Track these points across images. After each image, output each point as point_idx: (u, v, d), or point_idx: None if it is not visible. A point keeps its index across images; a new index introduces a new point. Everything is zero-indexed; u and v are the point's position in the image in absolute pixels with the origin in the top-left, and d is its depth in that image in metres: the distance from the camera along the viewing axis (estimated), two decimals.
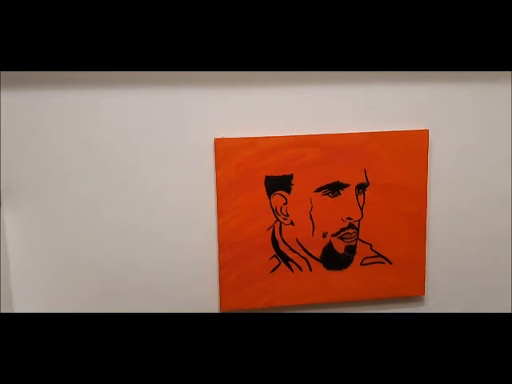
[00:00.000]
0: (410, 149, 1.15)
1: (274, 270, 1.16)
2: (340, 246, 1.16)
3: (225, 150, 1.10)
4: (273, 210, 1.13)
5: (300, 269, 1.16)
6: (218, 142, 1.10)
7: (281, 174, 1.12)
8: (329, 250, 1.16)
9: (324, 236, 1.15)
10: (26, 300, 1.11)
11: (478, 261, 1.24)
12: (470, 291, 1.25)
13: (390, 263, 1.19)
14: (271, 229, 1.14)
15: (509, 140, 1.19)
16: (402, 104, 1.14)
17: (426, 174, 1.16)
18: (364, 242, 1.17)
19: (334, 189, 1.14)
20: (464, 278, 1.24)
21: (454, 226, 1.21)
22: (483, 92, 1.16)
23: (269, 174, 1.12)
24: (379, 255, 1.18)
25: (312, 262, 1.16)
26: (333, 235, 1.15)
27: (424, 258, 1.20)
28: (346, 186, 1.14)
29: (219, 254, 1.13)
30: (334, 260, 1.17)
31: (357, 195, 1.15)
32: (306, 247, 1.16)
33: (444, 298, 1.24)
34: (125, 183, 1.10)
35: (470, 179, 1.20)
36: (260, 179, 1.12)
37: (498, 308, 1.25)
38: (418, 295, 1.22)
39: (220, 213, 1.12)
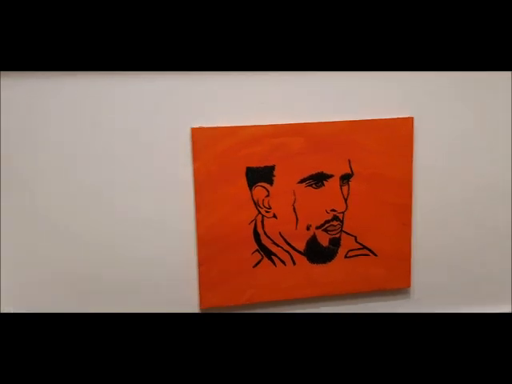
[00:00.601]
0: (395, 137, 1.12)
1: (256, 264, 1.12)
2: (324, 239, 1.13)
3: (203, 139, 1.05)
4: (254, 203, 1.09)
5: (283, 263, 1.13)
6: (195, 131, 1.05)
7: (262, 164, 1.08)
8: (313, 242, 1.13)
9: (308, 229, 1.12)
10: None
11: (464, 253, 1.21)
12: (456, 284, 1.23)
13: (375, 255, 1.16)
14: (253, 222, 1.10)
15: (496, 128, 1.17)
16: (387, 91, 1.11)
17: (411, 164, 1.14)
18: (349, 234, 1.14)
19: (318, 180, 1.10)
20: (450, 271, 1.22)
21: (440, 217, 1.19)
22: (469, 78, 1.13)
23: (250, 165, 1.08)
24: (364, 247, 1.15)
25: (295, 255, 1.13)
26: (317, 228, 1.12)
27: (410, 250, 1.17)
28: (330, 176, 1.11)
29: (198, 249, 1.09)
30: (318, 253, 1.13)
31: (341, 186, 1.12)
32: (289, 240, 1.12)
33: (430, 291, 1.22)
34: (97, 178, 1.04)
35: (457, 168, 1.17)
36: (241, 170, 1.08)
37: (483, 301, 1.24)
38: (403, 288, 1.20)
39: (198, 206, 1.07)
